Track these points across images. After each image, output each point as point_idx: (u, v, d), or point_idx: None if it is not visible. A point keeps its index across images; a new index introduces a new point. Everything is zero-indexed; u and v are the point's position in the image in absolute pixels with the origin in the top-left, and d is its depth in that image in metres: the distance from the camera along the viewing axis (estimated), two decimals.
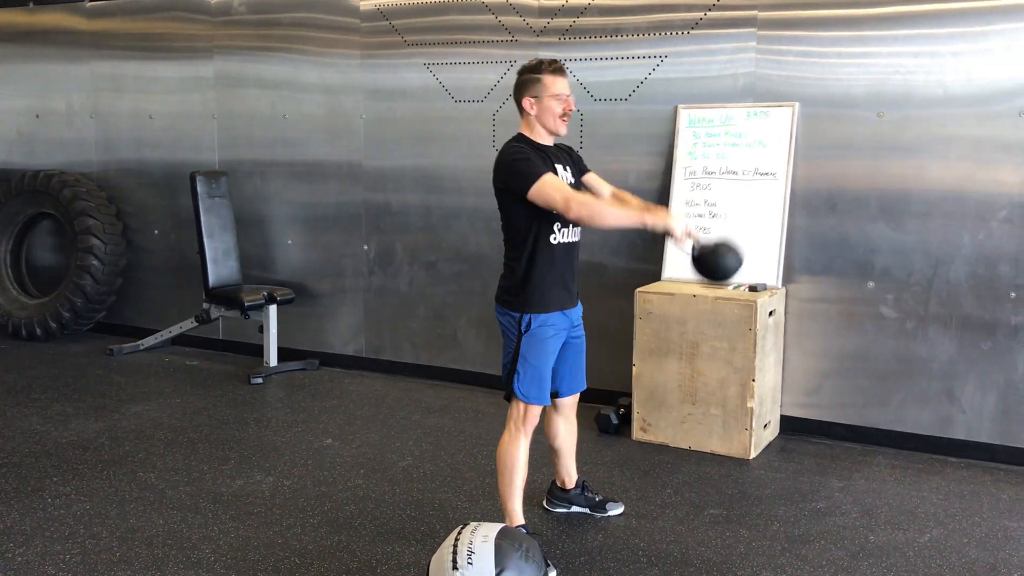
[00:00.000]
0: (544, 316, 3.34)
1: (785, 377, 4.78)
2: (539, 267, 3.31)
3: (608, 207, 3.29)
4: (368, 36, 5.77)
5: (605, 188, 3.60)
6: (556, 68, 3.34)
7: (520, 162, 3.23)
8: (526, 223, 3.30)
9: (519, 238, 3.33)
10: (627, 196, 3.59)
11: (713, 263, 3.26)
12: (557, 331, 3.38)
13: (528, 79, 3.35)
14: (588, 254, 5.12)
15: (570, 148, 3.61)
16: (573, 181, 3.44)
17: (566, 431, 3.70)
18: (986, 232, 4.33)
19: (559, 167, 3.37)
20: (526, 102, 3.35)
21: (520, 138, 3.38)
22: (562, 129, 3.38)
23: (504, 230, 3.40)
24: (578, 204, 3.16)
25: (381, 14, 5.70)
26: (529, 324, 3.32)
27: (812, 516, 3.78)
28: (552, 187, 3.18)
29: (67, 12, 6.90)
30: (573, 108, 3.39)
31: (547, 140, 3.40)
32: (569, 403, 3.65)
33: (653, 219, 3.20)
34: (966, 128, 4.33)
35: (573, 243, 3.40)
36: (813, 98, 4.62)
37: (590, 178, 3.58)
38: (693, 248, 3.25)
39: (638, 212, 3.27)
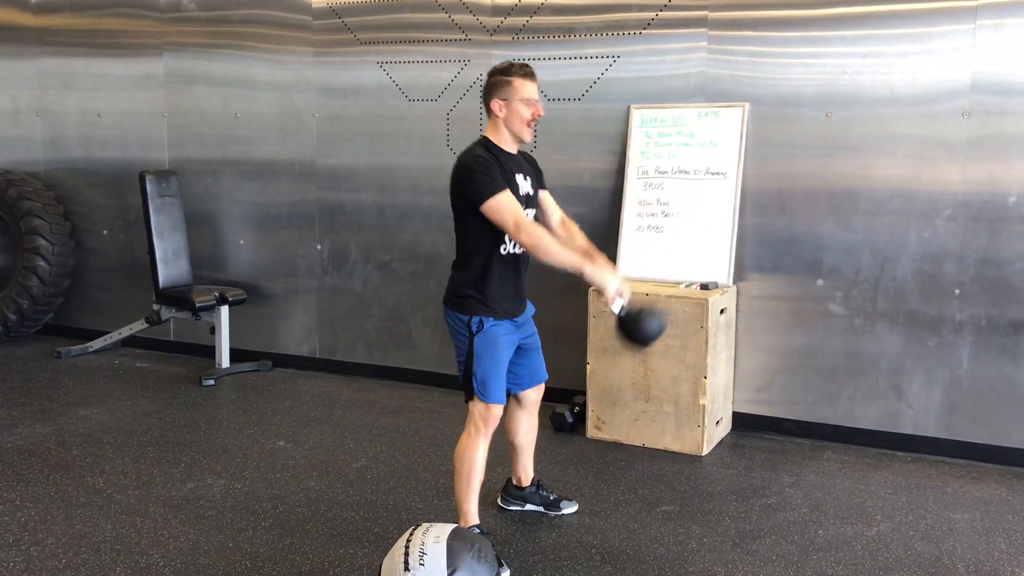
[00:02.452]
0: (494, 321, 3.34)
1: (737, 374, 4.83)
2: (489, 275, 3.32)
3: (554, 245, 3.23)
4: (320, 34, 5.73)
5: (556, 214, 3.58)
6: (527, 72, 3.32)
7: (480, 173, 3.21)
8: (478, 231, 3.29)
9: (471, 243, 3.33)
10: (574, 229, 3.58)
11: (635, 328, 3.23)
12: (508, 333, 3.39)
13: (498, 81, 3.32)
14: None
15: (534, 159, 3.59)
16: (532, 192, 3.44)
17: (527, 427, 3.70)
18: (931, 230, 4.41)
19: (519, 176, 3.36)
20: (495, 104, 3.32)
21: (485, 143, 3.36)
22: (527, 135, 3.36)
23: (456, 233, 3.39)
24: (527, 233, 3.16)
25: (333, 12, 5.66)
26: (480, 325, 3.32)
27: (763, 511, 3.83)
28: (506, 208, 3.17)
29: (12, 7, 6.76)
30: (542, 114, 3.38)
31: (512, 147, 3.39)
32: (534, 399, 3.66)
33: (591, 272, 3.20)
34: (912, 128, 4.40)
35: (523, 253, 3.40)
36: (763, 98, 4.67)
37: (544, 197, 3.57)
38: (620, 310, 3.25)
39: (580, 260, 3.22)
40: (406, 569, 2.64)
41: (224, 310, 5.93)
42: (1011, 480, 4.19)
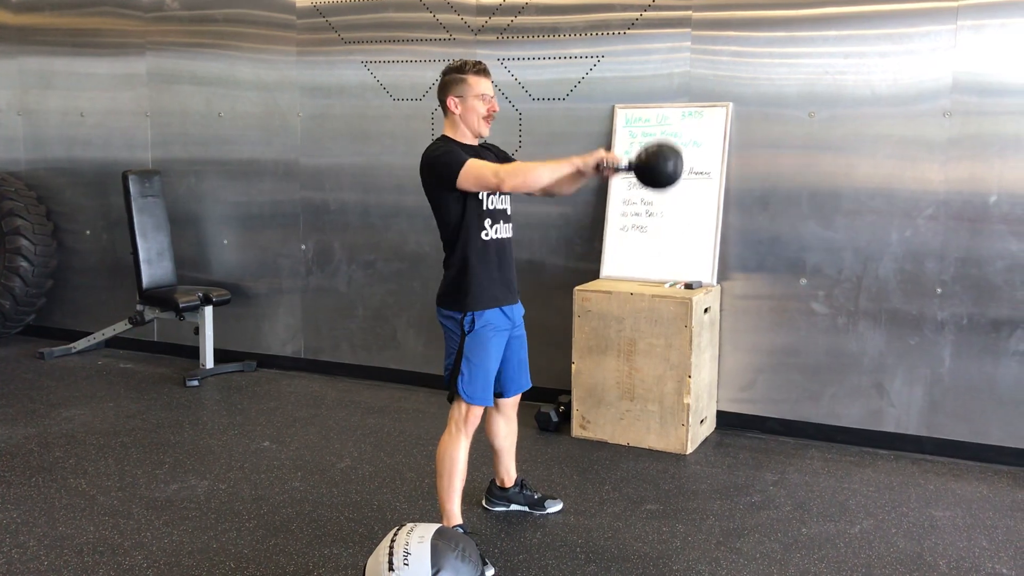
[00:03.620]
0: (486, 314, 3.34)
1: (721, 373, 4.85)
2: (474, 264, 3.33)
3: (536, 165, 3.25)
4: (304, 33, 5.71)
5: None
6: (480, 69, 3.38)
7: (443, 155, 3.27)
8: (457, 220, 3.32)
9: (452, 237, 3.36)
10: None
11: (655, 167, 3.18)
12: (498, 331, 3.39)
13: (452, 79, 3.37)
14: (528, 253, 5.15)
15: (493, 145, 3.64)
16: None
17: (507, 430, 3.71)
18: (913, 229, 4.44)
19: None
20: (450, 101, 3.37)
21: (443, 139, 3.41)
22: (485, 130, 3.41)
23: (439, 229, 3.41)
24: (508, 173, 3.18)
25: (317, 11, 5.64)
26: (472, 324, 3.33)
27: (747, 510, 3.84)
28: (479, 167, 3.21)
29: None
30: (497, 109, 3.42)
31: (471, 140, 3.43)
32: (511, 403, 3.66)
33: (583, 159, 3.24)
34: (893, 128, 4.43)
35: (506, 239, 3.43)
36: (746, 98, 4.69)
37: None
38: (630, 163, 3.22)
39: (568, 159, 3.26)
40: (390, 569, 2.64)
41: (208, 310, 5.90)
42: (992, 477, 4.22)
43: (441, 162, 3.26)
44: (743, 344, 4.81)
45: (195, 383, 5.68)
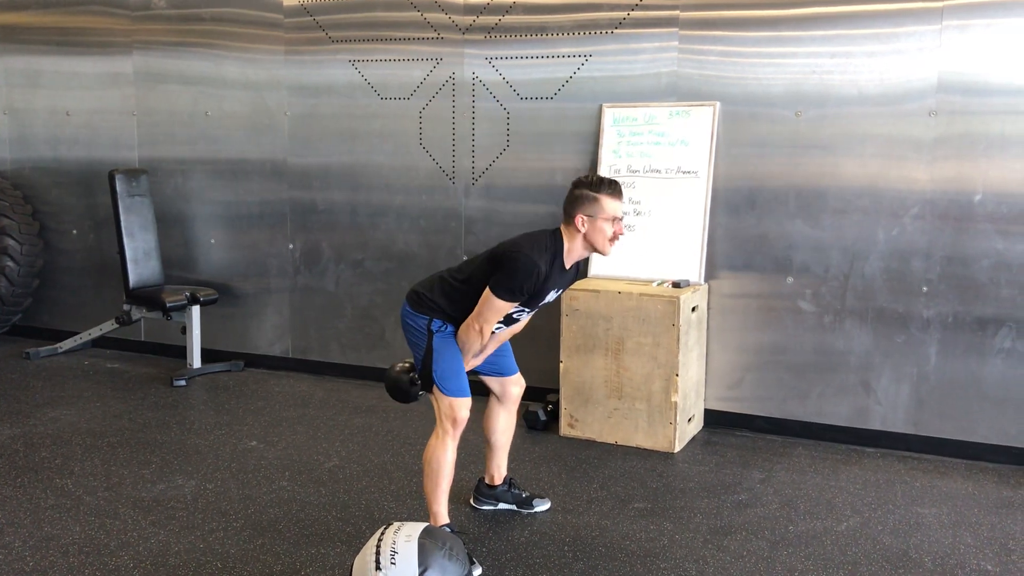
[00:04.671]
0: (452, 327, 3.40)
1: (708, 371, 4.86)
2: (468, 311, 3.35)
3: (468, 355, 3.41)
4: (292, 32, 5.70)
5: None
6: (616, 191, 3.27)
7: (517, 278, 3.19)
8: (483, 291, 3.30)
9: (471, 291, 3.31)
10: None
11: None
12: None
13: (584, 196, 3.26)
14: None
15: (576, 271, 3.49)
16: (551, 300, 3.45)
17: (505, 424, 3.72)
18: (899, 228, 4.46)
19: (552, 293, 3.37)
20: (578, 219, 3.25)
21: (556, 250, 3.28)
22: (608, 251, 3.32)
23: (465, 273, 3.37)
24: (476, 335, 3.30)
25: (305, 10, 5.63)
26: (442, 326, 3.36)
27: (734, 508, 3.85)
28: (492, 313, 3.24)
29: None
30: (623, 234, 3.35)
31: (578, 257, 3.35)
32: (515, 394, 3.69)
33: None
34: (880, 127, 4.45)
35: (505, 330, 3.51)
36: (733, 97, 4.70)
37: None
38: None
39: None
40: (377, 568, 2.64)
41: (195, 310, 5.88)
42: (977, 475, 4.25)
43: (507, 277, 3.19)
44: (730, 343, 4.82)
45: (182, 383, 5.66)
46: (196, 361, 5.91)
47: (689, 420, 4.65)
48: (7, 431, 4.74)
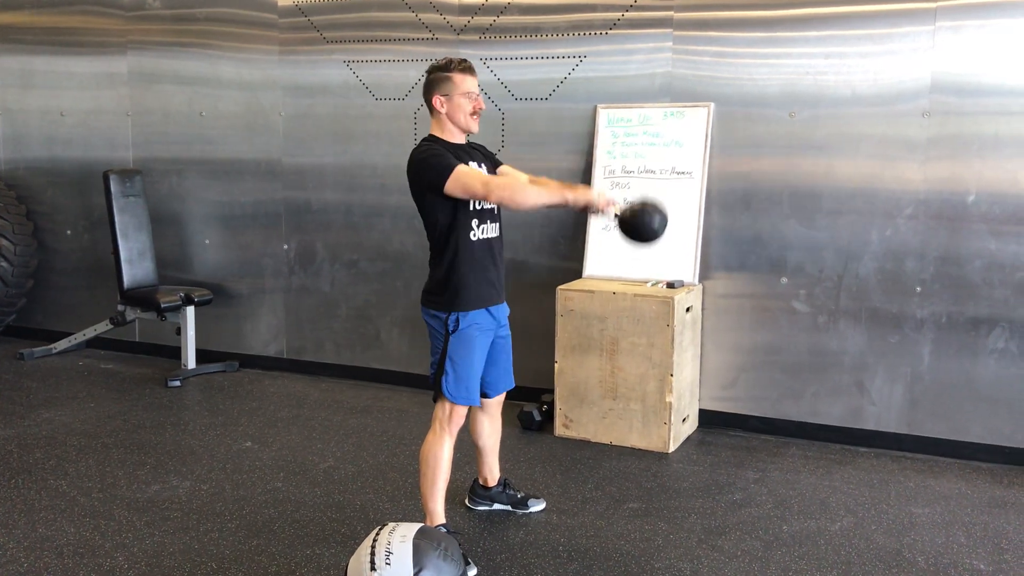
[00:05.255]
0: (471, 314, 3.34)
1: (703, 372, 4.87)
2: (461, 265, 3.32)
3: (528, 188, 3.30)
4: (286, 32, 5.70)
5: (522, 176, 3.59)
6: (466, 67, 3.37)
7: (432, 157, 3.25)
8: (445, 221, 3.30)
9: (439, 237, 3.34)
10: (544, 180, 3.58)
11: (639, 224, 3.26)
12: (483, 331, 3.39)
13: (437, 77, 3.36)
14: (511, 252, 5.15)
15: (481, 145, 3.62)
16: (485, 172, 3.44)
17: (491, 429, 3.71)
18: (893, 228, 4.47)
19: (472, 164, 3.38)
20: (436, 100, 3.36)
21: (431, 138, 3.40)
22: (474, 126, 3.40)
23: (426, 230, 3.40)
24: (498, 187, 3.19)
25: (299, 10, 5.63)
26: (457, 324, 3.33)
27: (728, 508, 3.86)
28: (468, 175, 3.21)
29: None
30: (483, 107, 3.42)
31: (459, 138, 3.42)
32: (495, 402, 3.67)
33: (574, 195, 3.24)
34: (874, 127, 4.46)
35: (494, 238, 3.42)
36: (728, 98, 4.71)
37: (505, 169, 3.58)
38: (617, 215, 3.27)
39: (559, 190, 3.29)
40: (372, 569, 2.64)
41: (190, 310, 5.88)
42: (970, 474, 4.26)
43: (428, 165, 3.25)
44: (725, 343, 4.83)
45: (177, 383, 5.65)
46: (191, 362, 5.91)
47: (683, 420, 4.66)
48: (1, 432, 4.74)
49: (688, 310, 4.58)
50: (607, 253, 4.88)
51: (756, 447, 4.62)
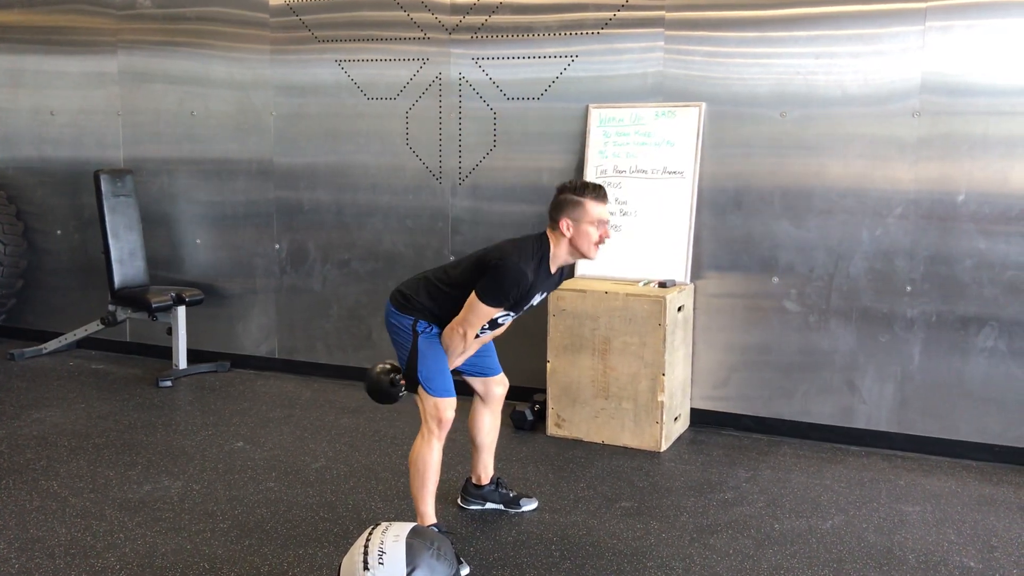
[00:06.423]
0: (437, 327, 3.40)
1: (694, 371, 4.88)
2: (454, 312, 3.34)
3: (453, 355, 3.40)
4: (278, 32, 5.69)
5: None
6: (600, 194, 3.29)
7: (504, 286, 3.20)
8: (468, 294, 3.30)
9: (457, 294, 3.31)
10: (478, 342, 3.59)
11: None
12: None
13: (568, 200, 3.28)
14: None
15: (563, 274, 3.50)
16: (535, 304, 3.45)
17: (490, 425, 3.72)
18: (883, 228, 4.49)
19: (537, 296, 3.37)
20: (563, 223, 3.27)
21: (543, 254, 3.29)
22: (594, 255, 3.33)
23: (451, 276, 3.37)
24: (460, 339, 3.31)
25: (291, 10, 5.62)
26: (428, 327, 3.36)
27: (720, 506, 3.87)
28: (477, 317, 3.25)
29: None
30: (609, 236, 3.35)
31: (563, 262, 3.36)
32: (498, 396, 3.69)
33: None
34: (864, 127, 4.48)
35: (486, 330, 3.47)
36: (719, 98, 4.72)
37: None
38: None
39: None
40: (365, 568, 2.64)
41: (181, 311, 5.86)
42: (960, 472, 4.28)
43: (493, 285, 3.20)
44: (716, 342, 4.84)
45: (168, 384, 5.64)
46: (182, 362, 5.89)
47: (675, 419, 4.67)
48: None
49: (680, 309, 4.59)
50: (599, 253, 4.87)
51: (748, 446, 4.63)
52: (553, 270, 3.35)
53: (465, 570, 3.23)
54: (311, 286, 5.82)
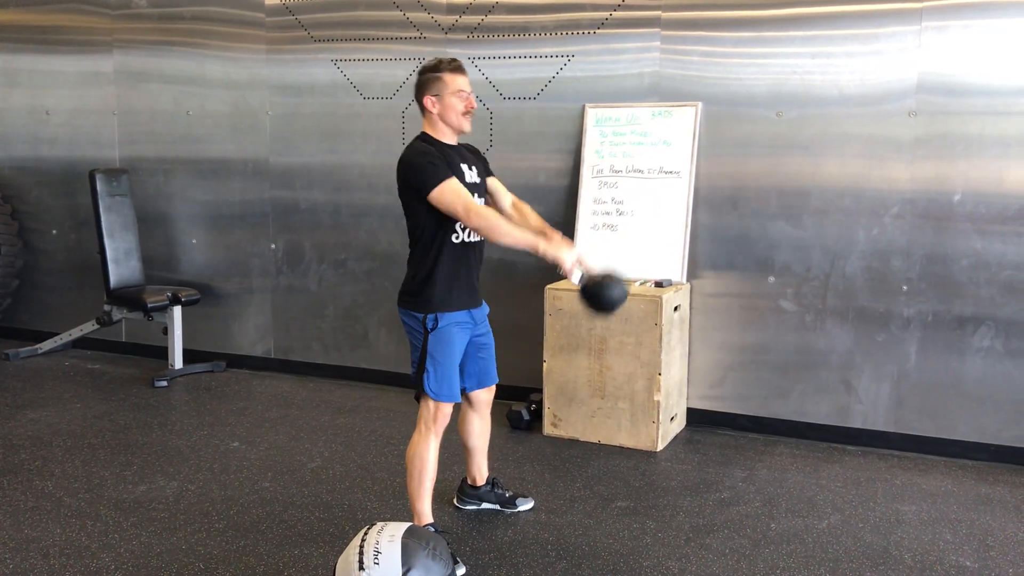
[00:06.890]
0: (449, 315, 3.35)
1: (691, 370, 4.88)
2: (442, 267, 3.32)
3: (506, 224, 3.25)
4: (274, 31, 5.68)
5: (507, 198, 3.59)
6: (456, 66, 3.37)
7: (424, 163, 3.24)
8: (429, 222, 3.30)
9: (422, 237, 3.34)
10: (526, 210, 3.58)
11: (597, 296, 3.23)
12: (462, 327, 3.39)
13: (428, 78, 3.36)
14: (499, 251, 5.14)
15: (476, 148, 3.62)
16: (478, 180, 3.45)
17: (480, 429, 3.71)
18: (879, 227, 4.49)
19: (464, 166, 3.38)
20: (427, 101, 3.36)
21: (424, 137, 3.39)
22: (466, 126, 3.39)
23: (408, 229, 3.39)
24: (477, 215, 3.18)
25: (287, 9, 5.62)
26: (436, 322, 3.33)
27: (716, 506, 3.87)
28: (453, 193, 3.20)
29: None
30: (475, 106, 3.41)
31: (451, 139, 3.41)
32: (485, 400, 3.66)
33: (546, 247, 3.19)
34: (860, 127, 4.48)
35: (476, 242, 3.41)
36: (715, 97, 4.72)
37: (493, 183, 3.58)
38: (580, 279, 3.26)
39: (534, 237, 3.23)
40: (361, 568, 2.63)
41: (177, 310, 5.85)
42: (956, 472, 4.28)
43: (420, 167, 3.24)
44: (713, 342, 4.84)
45: (164, 384, 5.63)
46: (177, 362, 5.88)
47: (672, 419, 4.67)
48: None
49: (676, 309, 4.59)
50: (595, 253, 4.87)
51: (744, 445, 4.63)
52: (450, 143, 3.38)
53: (461, 570, 3.22)
54: (307, 286, 5.81)
